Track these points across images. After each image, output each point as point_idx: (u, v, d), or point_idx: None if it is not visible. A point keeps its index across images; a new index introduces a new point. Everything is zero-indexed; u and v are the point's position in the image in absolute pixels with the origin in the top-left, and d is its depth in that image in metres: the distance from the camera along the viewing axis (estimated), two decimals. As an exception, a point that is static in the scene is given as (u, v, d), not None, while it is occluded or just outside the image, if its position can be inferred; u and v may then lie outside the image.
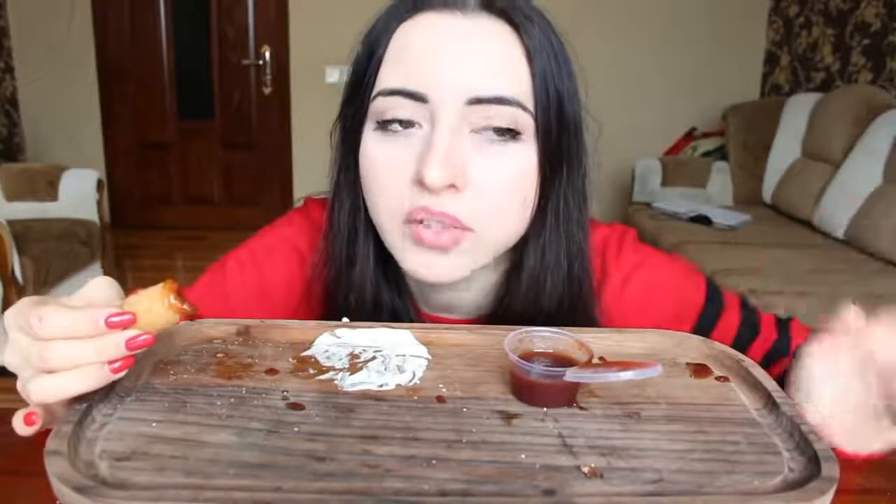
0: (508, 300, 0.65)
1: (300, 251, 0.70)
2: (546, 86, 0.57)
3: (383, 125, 0.58)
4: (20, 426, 0.43)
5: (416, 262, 0.59)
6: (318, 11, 3.80)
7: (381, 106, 0.57)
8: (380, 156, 0.58)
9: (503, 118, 0.56)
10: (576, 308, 0.65)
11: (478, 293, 0.68)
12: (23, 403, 0.44)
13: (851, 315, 0.49)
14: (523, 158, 0.57)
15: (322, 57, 3.79)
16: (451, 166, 0.54)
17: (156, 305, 0.44)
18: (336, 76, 3.84)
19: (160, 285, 0.44)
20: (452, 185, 0.55)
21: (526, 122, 0.57)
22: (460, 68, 0.55)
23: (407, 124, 0.57)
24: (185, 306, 0.44)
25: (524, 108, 0.56)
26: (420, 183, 0.55)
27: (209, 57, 4.04)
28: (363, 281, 0.65)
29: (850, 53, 3.21)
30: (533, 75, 0.56)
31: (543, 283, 0.63)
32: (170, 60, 4.05)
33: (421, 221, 0.57)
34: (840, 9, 3.28)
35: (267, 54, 3.97)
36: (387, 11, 0.59)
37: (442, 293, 0.67)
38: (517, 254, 0.64)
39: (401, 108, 0.56)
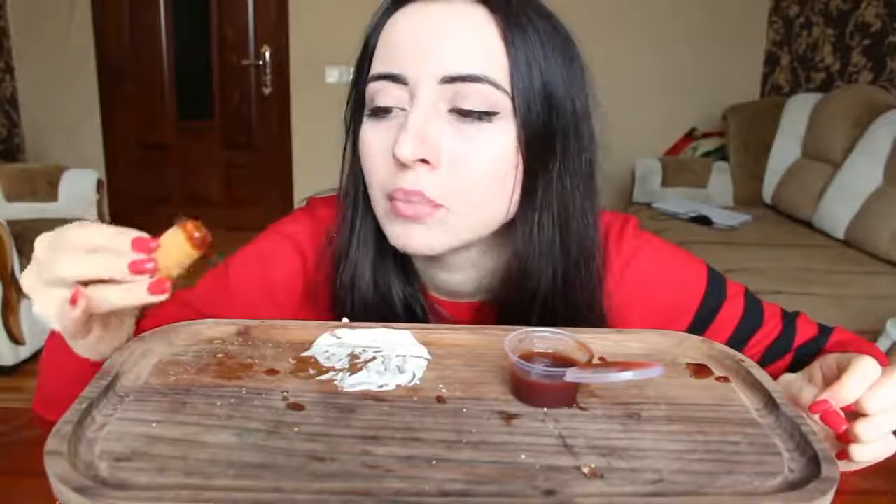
0: (504, 284, 0.67)
1: (303, 247, 0.72)
2: (529, 69, 0.58)
3: (374, 111, 0.61)
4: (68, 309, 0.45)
5: (395, 232, 0.62)
6: (318, 11, 3.80)
7: (371, 92, 0.61)
8: (370, 140, 0.62)
9: (477, 97, 0.57)
10: (573, 292, 0.65)
11: (478, 277, 0.69)
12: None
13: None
14: (500, 138, 0.59)
15: (322, 57, 3.79)
16: (423, 142, 0.57)
17: (173, 244, 0.46)
18: (336, 76, 3.85)
19: (173, 229, 0.46)
20: (425, 161, 0.58)
21: (502, 102, 0.58)
22: (435, 50, 0.58)
23: (390, 109, 0.60)
24: (198, 235, 0.46)
25: (498, 87, 0.58)
26: (397, 160, 0.58)
27: (209, 57, 4.03)
28: (362, 265, 0.67)
29: (850, 53, 3.21)
30: (511, 57, 0.58)
31: (534, 265, 0.63)
32: (170, 60, 4.05)
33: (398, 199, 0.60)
34: (840, 9, 3.28)
35: (267, 54, 3.96)
36: (380, 7, 0.64)
37: (443, 276, 0.69)
38: (510, 237, 0.64)
39: (386, 92, 0.60)
